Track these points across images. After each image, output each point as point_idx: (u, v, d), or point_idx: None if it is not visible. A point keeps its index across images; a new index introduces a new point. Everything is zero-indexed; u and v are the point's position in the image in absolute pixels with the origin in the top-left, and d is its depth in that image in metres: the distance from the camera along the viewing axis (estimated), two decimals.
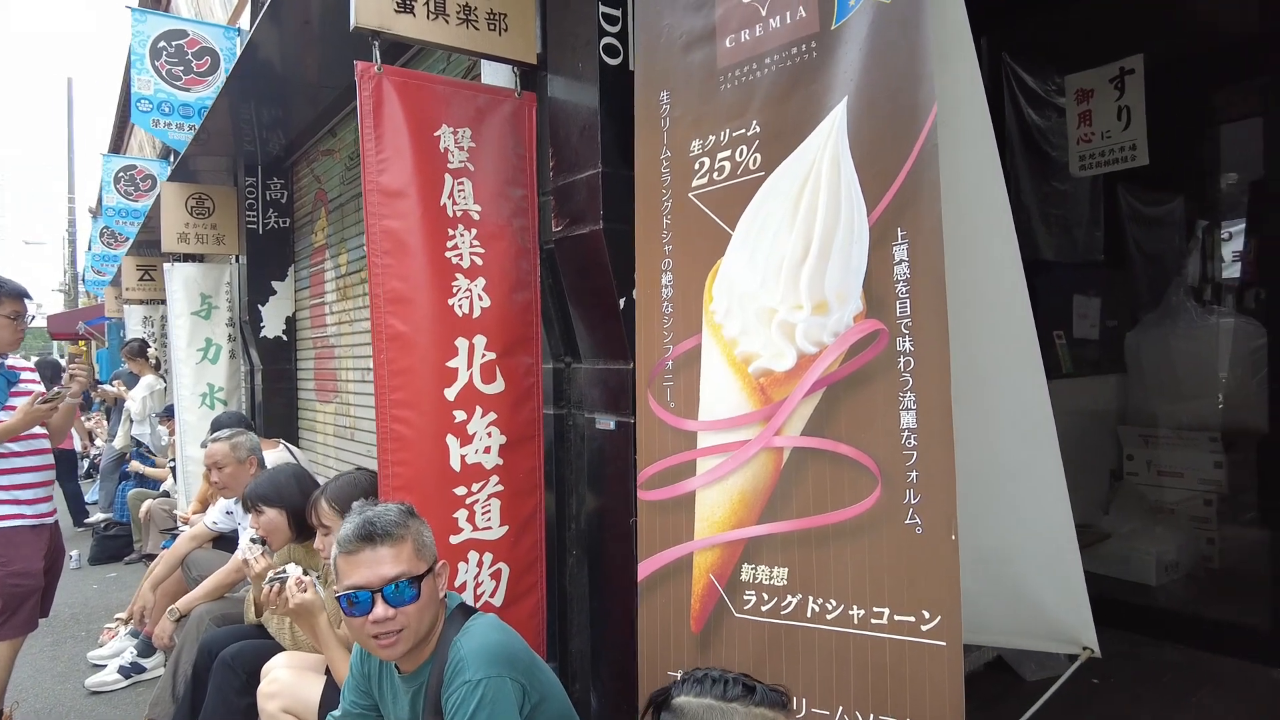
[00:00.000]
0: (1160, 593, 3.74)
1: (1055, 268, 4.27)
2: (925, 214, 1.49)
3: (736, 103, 1.86)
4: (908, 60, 1.55)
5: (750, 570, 1.74)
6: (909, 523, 1.48)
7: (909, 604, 1.49)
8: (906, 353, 1.50)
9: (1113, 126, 3.42)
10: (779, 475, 1.70)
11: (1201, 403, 4.02)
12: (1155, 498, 4.09)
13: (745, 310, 1.78)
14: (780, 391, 1.70)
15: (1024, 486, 1.87)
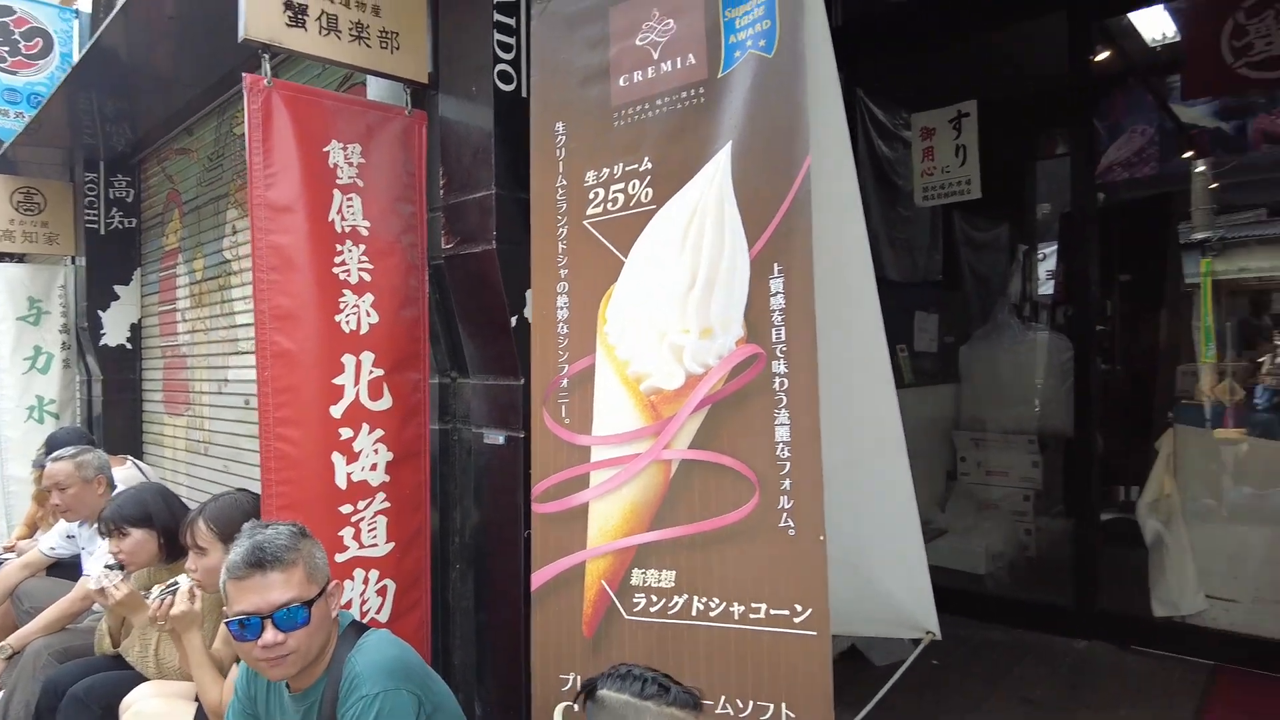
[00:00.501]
0: (988, 579, 4.20)
1: (900, 287, 4.70)
2: (798, 252, 1.68)
3: (630, 139, 1.99)
4: (786, 112, 1.73)
5: (640, 574, 1.87)
6: (783, 526, 1.66)
7: (784, 599, 1.67)
8: (781, 374, 1.69)
9: (951, 162, 3.84)
10: (668, 485, 1.84)
11: (1022, 409, 4.55)
12: (984, 495, 4.59)
13: (638, 333, 1.91)
14: (670, 408, 1.84)
15: (877, 490, 2.11)
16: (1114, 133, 5.64)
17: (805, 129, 1.68)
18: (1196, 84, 4.23)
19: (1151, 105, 5.41)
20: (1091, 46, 3.60)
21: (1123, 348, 5.24)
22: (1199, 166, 6.72)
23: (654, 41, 1.97)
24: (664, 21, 1.96)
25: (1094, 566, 3.59)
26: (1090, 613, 3.57)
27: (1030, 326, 4.71)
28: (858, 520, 2.12)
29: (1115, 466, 4.70)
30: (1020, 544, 4.46)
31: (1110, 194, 6.35)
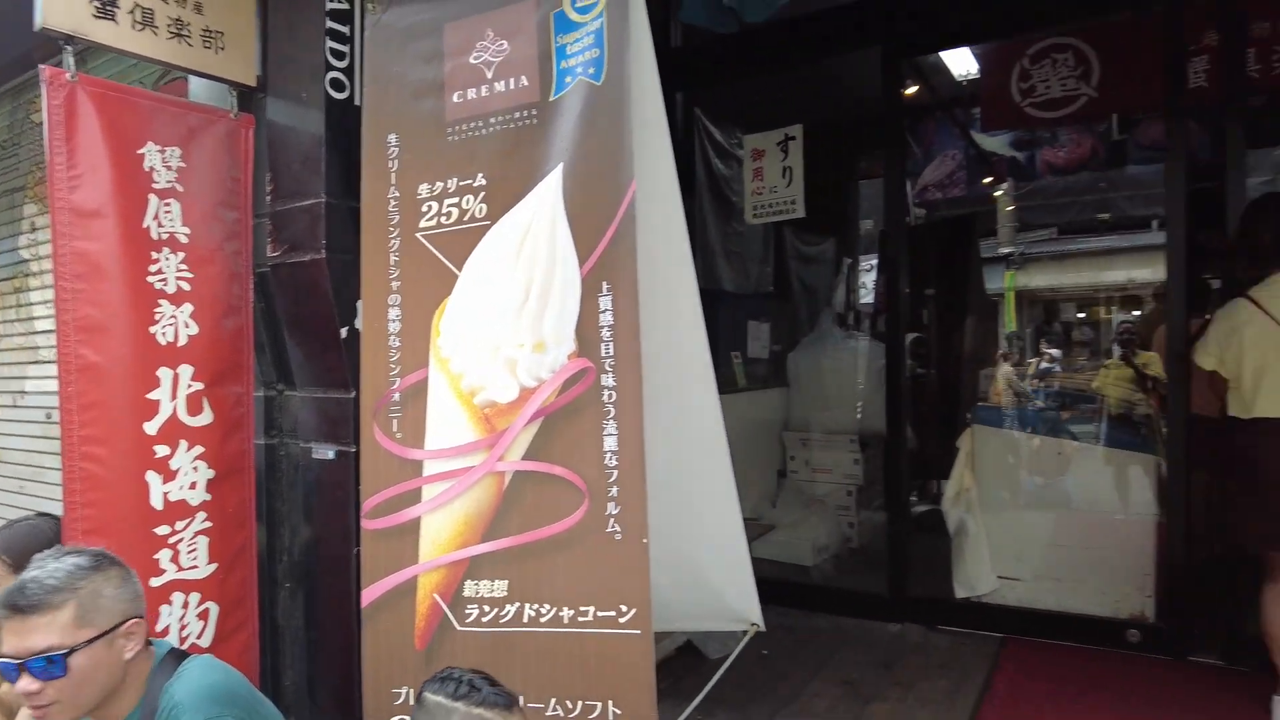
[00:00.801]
0: (814, 571, 4.51)
1: (735, 297, 4.96)
2: (625, 271, 1.78)
3: (464, 155, 2.02)
4: (613, 138, 1.82)
5: (473, 585, 1.91)
6: (609, 531, 1.75)
7: (610, 601, 1.76)
8: (610, 387, 1.77)
9: (778, 183, 4.10)
10: (502, 497, 1.89)
11: (844, 411, 4.92)
12: (811, 491, 4.92)
13: (472, 346, 1.94)
14: (504, 421, 1.89)
15: (703, 491, 2.24)
16: (929, 156, 6.21)
17: (630, 155, 1.78)
18: (992, 118, 4.73)
19: (959, 134, 5.99)
20: (902, 80, 3.95)
21: (936, 353, 5.75)
22: (1000, 190, 7.51)
23: (488, 61, 2.01)
24: (498, 42, 2.01)
25: (905, 555, 3.94)
26: (902, 598, 3.91)
27: (851, 334, 5.11)
28: (685, 521, 2.25)
29: (929, 463, 5.17)
30: (844, 536, 4.82)
31: (930, 211, 6.97)
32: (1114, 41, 4.12)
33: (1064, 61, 4.29)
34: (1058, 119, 4.51)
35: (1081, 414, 4.66)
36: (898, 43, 3.86)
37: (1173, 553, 3.37)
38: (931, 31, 3.93)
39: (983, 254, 8.18)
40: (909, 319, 4.76)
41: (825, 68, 5.05)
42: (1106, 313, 10.59)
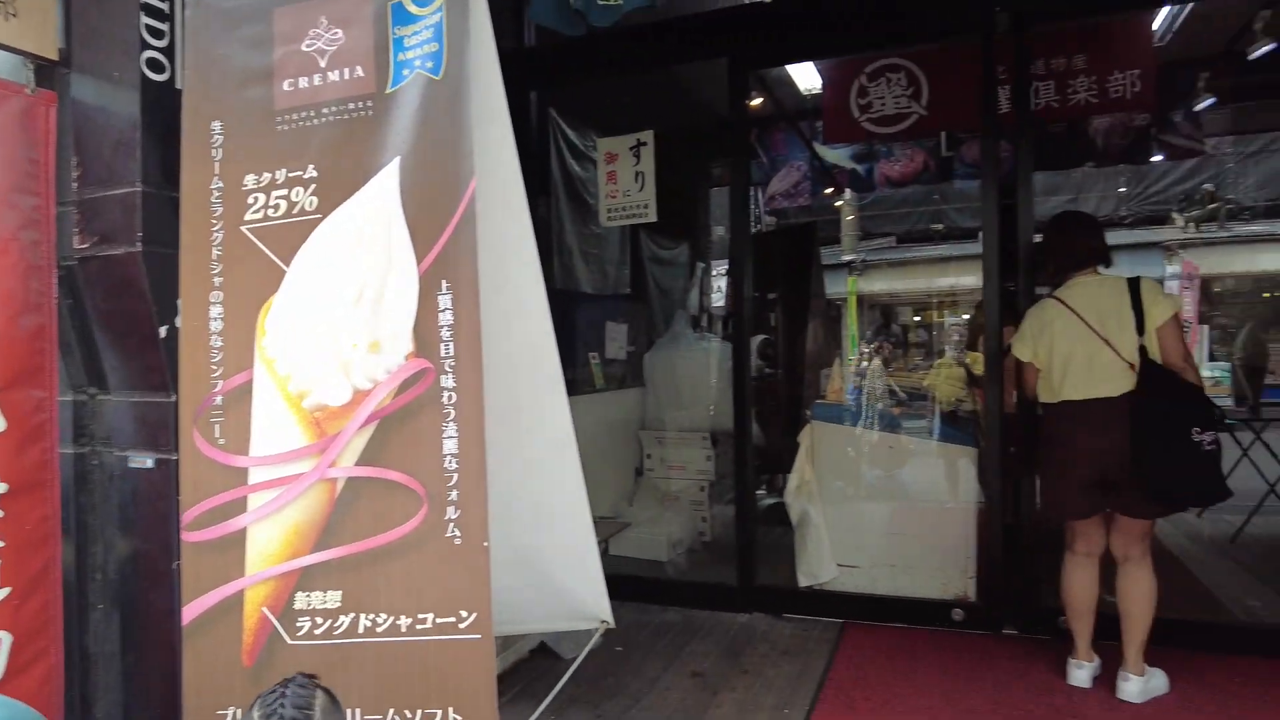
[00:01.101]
0: (669, 566, 4.60)
1: (592, 299, 4.99)
2: (465, 269, 1.75)
3: (294, 146, 1.92)
4: (453, 134, 1.79)
5: (305, 598, 1.82)
6: (449, 536, 1.72)
7: (449, 607, 1.72)
8: (449, 388, 1.74)
9: (631, 187, 4.16)
10: (334, 504, 1.81)
11: (697, 410, 5.06)
12: (666, 488, 5.02)
13: (301, 346, 1.85)
14: (335, 425, 1.81)
15: (551, 492, 2.24)
16: (776, 166, 6.48)
17: (470, 152, 1.76)
18: (833, 131, 5.01)
19: (804, 146, 6.29)
20: (748, 91, 4.11)
21: (784, 354, 6.02)
22: (842, 200, 7.95)
23: (321, 49, 1.93)
24: (332, 30, 1.93)
25: (753, 547, 4.10)
26: (750, 588, 4.07)
27: (704, 336, 5.27)
28: (535, 522, 2.24)
29: (777, 458, 5.40)
30: (697, 531, 4.96)
31: (779, 218, 7.28)
32: (940, 66, 4.46)
33: (898, 81, 4.60)
34: (893, 134, 4.85)
35: (914, 410, 5.01)
36: (744, 55, 4.00)
37: (990, 536, 3.69)
38: (776, 46, 4.11)
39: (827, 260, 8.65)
40: (756, 322, 4.96)
41: (677, 76, 5.18)
42: (939, 316, 11.45)
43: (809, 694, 3.11)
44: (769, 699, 3.10)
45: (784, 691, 3.15)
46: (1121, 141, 5.63)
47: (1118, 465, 2.84)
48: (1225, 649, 3.34)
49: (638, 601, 4.21)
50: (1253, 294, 11.63)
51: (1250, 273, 11.11)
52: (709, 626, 3.91)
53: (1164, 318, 2.85)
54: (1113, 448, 2.85)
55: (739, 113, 4.06)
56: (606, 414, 4.97)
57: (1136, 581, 2.95)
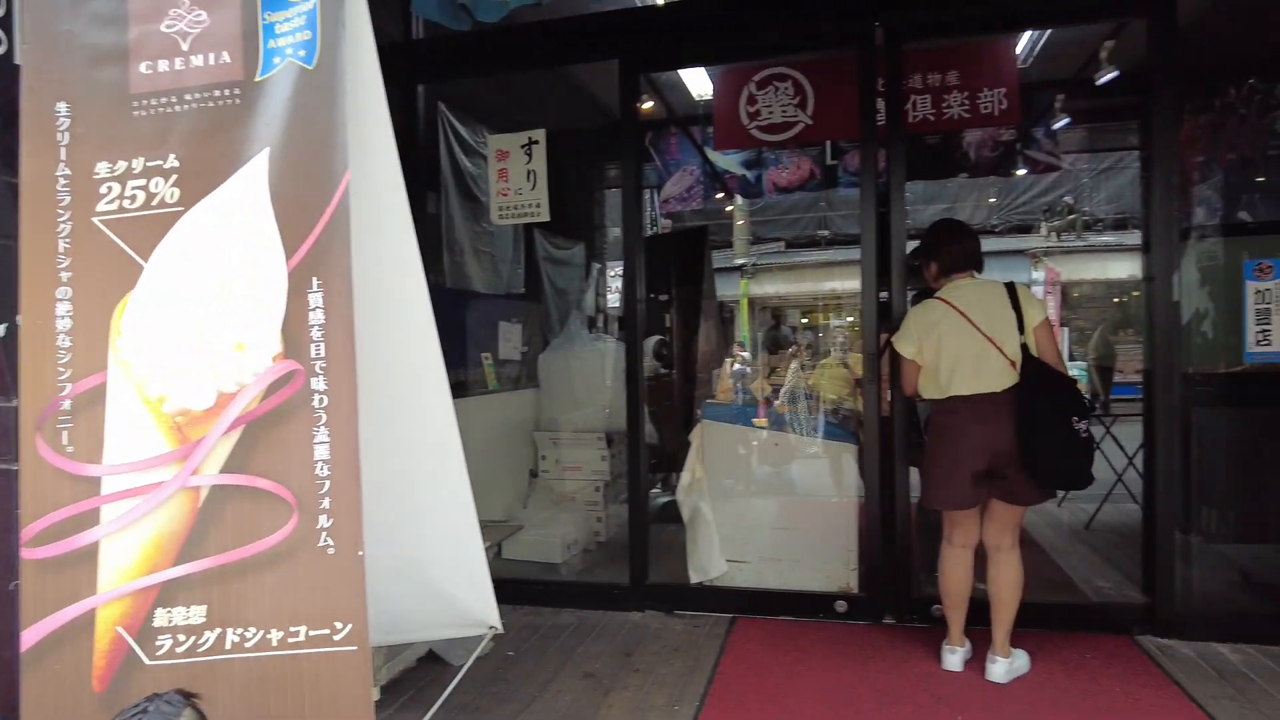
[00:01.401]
0: (563, 567, 4.58)
1: (485, 298, 4.91)
2: (338, 265, 1.68)
3: (153, 132, 1.81)
4: (326, 125, 1.72)
5: (165, 614, 1.71)
6: (322, 545, 1.65)
7: (323, 618, 1.66)
8: (321, 391, 1.67)
9: (523, 185, 4.12)
10: (197, 514, 1.71)
11: (592, 410, 5.06)
12: (561, 489, 5.00)
13: (160, 347, 1.74)
14: (198, 430, 1.71)
15: (436, 498, 2.19)
16: (670, 169, 6.56)
17: (345, 144, 1.69)
18: (723, 137, 5.09)
19: (697, 150, 6.39)
20: (638, 93, 4.14)
21: (678, 354, 6.09)
22: (734, 205, 8.13)
23: (183, 31, 1.82)
24: (195, 12, 1.82)
25: (645, 546, 4.13)
26: (643, 587, 4.10)
27: (599, 336, 5.27)
28: (418, 528, 2.19)
29: (672, 456, 5.46)
30: (592, 531, 4.95)
31: (674, 220, 7.36)
32: (824, 77, 4.62)
33: (785, 90, 4.73)
34: (780, 142, 4.98)
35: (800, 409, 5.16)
36: (634, 58, 4.04)
37: (870, 529, 3.85)
38: (666, 51, 4.16)
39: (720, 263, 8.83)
40: (651, 322, 5.00)
41: (570, 75, 5.17)
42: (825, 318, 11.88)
43: (699, 689, 3.16)
44: (660, 697, 3.13)
45: (675, 688, 3.19)
46: (991, 155, 5.99)
47: (1004, 455, 3.04)
48: (1080, 627, 3.61)
49: (532, 605, 4.17)
50: (1105, 299, 12.62)
51: (1103, 279, 12.05)
52: (602, 627, 3.91)
53: (1039, 318, 3.10)
54: (1000, 438, 3.05)
55: (630, 115, 4.09)
56: (500, 415, 4.90)
57: (1007, 569, 3.15)
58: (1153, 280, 3.57)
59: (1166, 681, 3.10)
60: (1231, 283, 3.75)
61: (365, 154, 1.82)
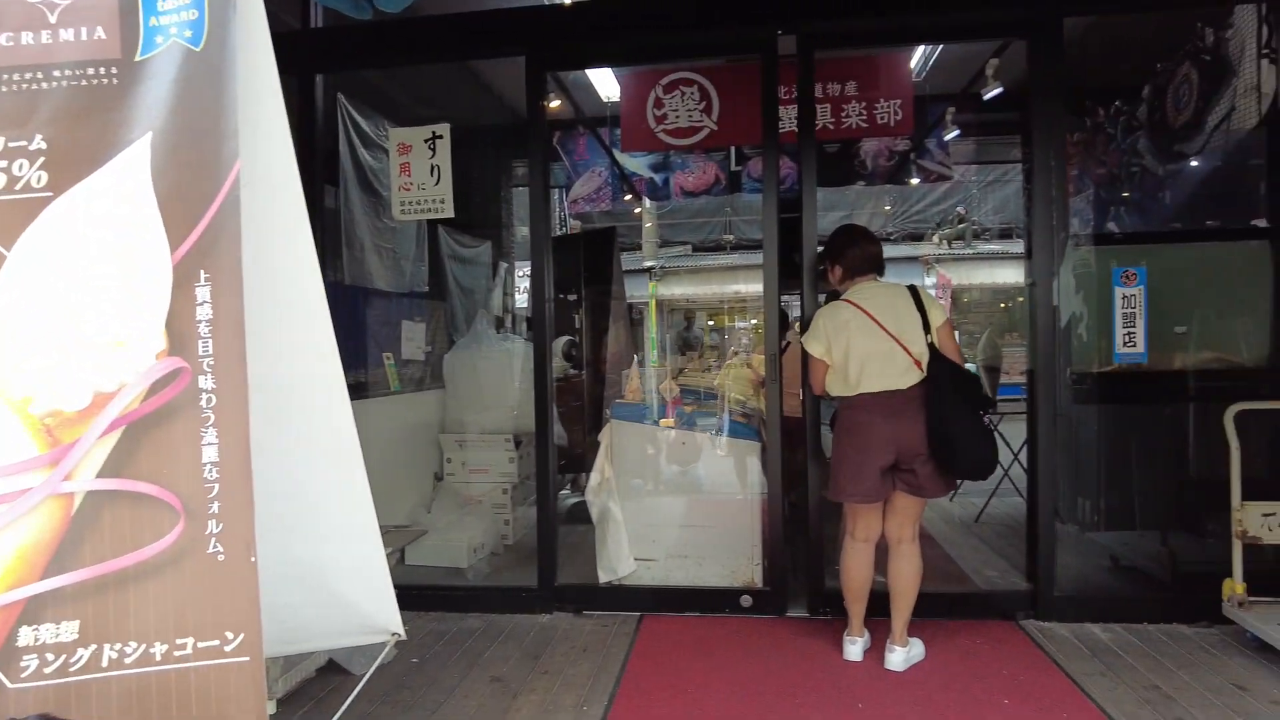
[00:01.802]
0: (470, 572, 4.49)
1: (387, 296, 4.77)
2: (227, 259, 1.60)
3: (16, 110, 1.67)
4: (215, 111, 1.63)
5: (31, 632, 1.58)
6: (211, 552, 1.57)
7: (213, 629, 1.57)
8: (209, 390, 1.58)
9: (426, 180, 4.02)
10: (69, 522, 1.59)
11: (500, 411, 4.99)
12: (467, 492, 4.91)
13: (26, 344, 1.61)
14: (71, 432, 1.59)
15: (334, 501, 2.11)
16: (579, 169, 6.55)
17: (235, 133, 1.61)
18: (631, 140, 5.12)
19: (605, 152, 6.40)
20: (545, 91, 4.12)
21: (587, 355, 6.08)
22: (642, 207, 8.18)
23: (51, 2, 1.69)
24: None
25: (554, 548, 4.10)
26: (551, 589, 4.07)
27: (507, 336, 5.20)
28: (315, 533, 2.10)
29: (581, 457, 5.44)
30: (499, 534, 4.89)
31: (583, 222, 7.35)
32: (729, 83, 4.71)
33: (691, 95, 4.80)
34: (686, 146, 5.05)
35: (706, 408, 5.24)
36: (541, 56, 4.01)
37: (773, 525, 3.94)
38: (572, 50, 4.15)
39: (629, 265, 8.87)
40: (560, 323, 4.98)
41: (478, 71, 5.09)
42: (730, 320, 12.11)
43: (608, 689, 3.16)
44: (568, 698, 3.11)
45: (583, 689, 3.18)
46: (887, 164, 6.25)
47: (911, 449, 3.18)
48: (971, 614, 3.80)
49: (437, 610, 4.08)
50: (993, 304, 13.34)
51: (990, 285, 12.74)
52: (510, 630, 3.86)
53: (942, 319, 3.28)
54: (907, 433, 3.18)
55: (537, 113, 4.06)
56: (403, 417, 4.77)
57: (907, 561, 3.29)
58: (1034, 286, 3.79)
59: (1047, 662, 3.29)
60: (1102, 289, 4.04)
61: (258, 143, 1.73)
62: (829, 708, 2.96)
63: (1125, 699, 2.95)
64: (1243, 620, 3.32)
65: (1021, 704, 2.93)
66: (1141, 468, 4.48)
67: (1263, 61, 3.79)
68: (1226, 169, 4.44)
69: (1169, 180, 4.80)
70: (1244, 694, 2.97)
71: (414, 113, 4.40)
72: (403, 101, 4.71)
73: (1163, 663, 3.25)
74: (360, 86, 4.53)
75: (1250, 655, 3.27)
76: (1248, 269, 4.08)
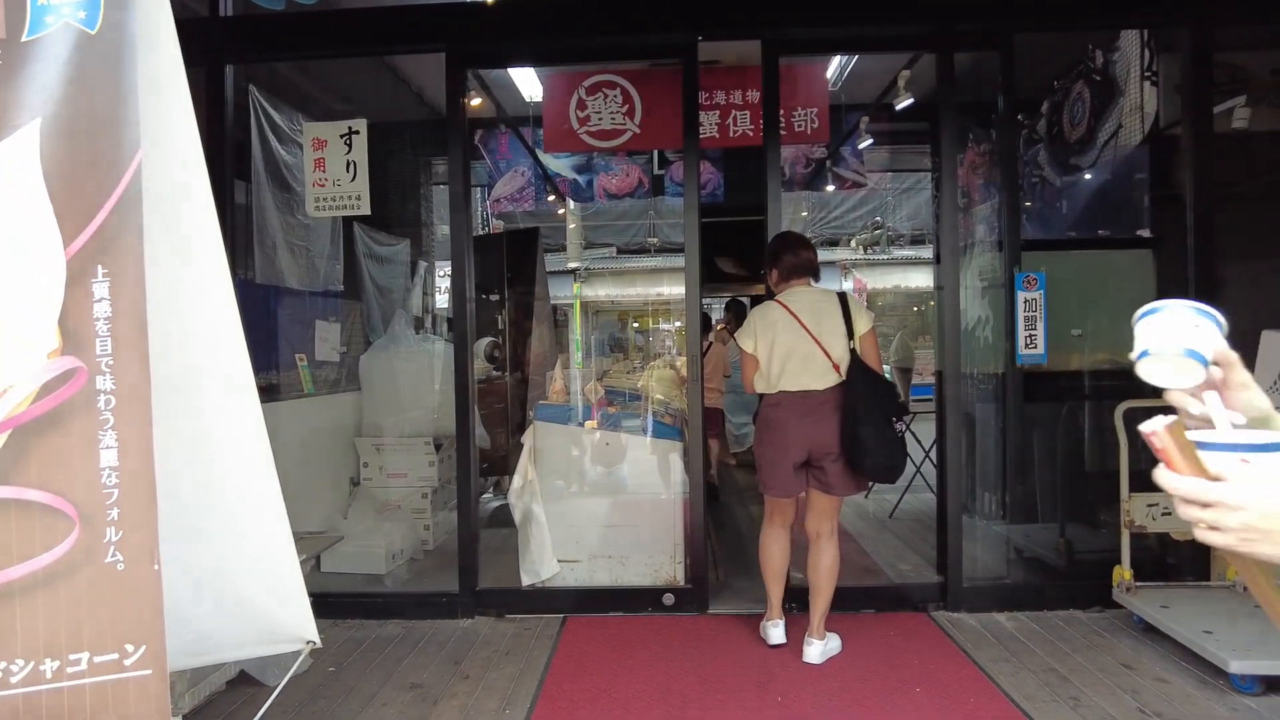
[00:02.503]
0: (388, 578, 4.39)
1: (300, 295, 4.62)
2: (127, 254, 1.53)
3: None
4: (113, 100, 1.55)
5: None
6: (110, 560, 1.49)
7: (111, 642, 1.49)
8: (107, 391, 1.51)
9: (342, 176, 3.91)
10: None
11: (419, 414, 4.89)
12: (385, 497, 4.79)
13: None
14: None
15: (245, 508, 2.03)
16: (501, 169, 6.49)
17: (136, 121, 1.54)
18: (553, 140, 5.11)
19: (528, 151, 6.36)
20: (465, 89, 4.06)
21: (510, 356, 6.03)
22: (566, 208, 8.16)
23: None
24: None
25: (475, 552, 4.05)
26: (473, 593, 4.02)
27: (426, 337, 5.10)
28: (226, 541, 2.02)
29: (504, 460, 5.39)
30: (419, 539, 4.79)
31: (506, 221, 7.27)
32: (652, 87, 4.75)
33: (614, 98, 4.82)
34: (609, 148, 5.07)
35: (630, 409, 5.26)
36: (461, 53, 3.96)
37: (694, 524, 3.99)
38: (492, 48, 4.12)
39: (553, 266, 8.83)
40: (481, 323, 4.91)
41: (397, 66, 4.99)
42: (654, 322, 12.20)
43: (530, 692, 3.14)
44: (490, 702, 3.08)
45: (505, 693, 3.15)
46: (805, 171, 6.41)
47: (823, 448, 3.28)
48: (886, 607, 3.93)
49: (355, 618, 3.98)
50: (905, 307, 13.84)
51: (903, 289, 13.21)
52: (430, 636, 3.79)
53: (866, 328, 3.38)
54: (820, 433, 3.29)
55: (457, 111, 4.00)
56: (317, 420, 4.62)
57: (824, 556, 3.39)
58: (942, 290, 3.95)
59: (956, 650, 3.44)
60: (1006, 292, 4.24)
61: (161, 134, 1.66)
62: (751, 702, 3.01)
63: (1026, 682, 3.11)
64: (1130, 604, 3.54)
65: (932, 692, 3.04)
66: (1043, 463, 4.72)
67: (1146, 83, 4.05)
68: (1116, 182, 4.73)
69: (1066, 191, 5.08)
70: (1131, 672, 3.16)
71: (330, 107, 4.28)
72: (318, 96, 4.57)
73: (1060, 647, 3.44)
74: (274, 79, 4.37)
75: (1137, 637, 3.49)
76: (1135, 275, 4.36)
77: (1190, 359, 0.82)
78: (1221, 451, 0.76)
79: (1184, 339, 0.82)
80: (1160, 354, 0.83)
